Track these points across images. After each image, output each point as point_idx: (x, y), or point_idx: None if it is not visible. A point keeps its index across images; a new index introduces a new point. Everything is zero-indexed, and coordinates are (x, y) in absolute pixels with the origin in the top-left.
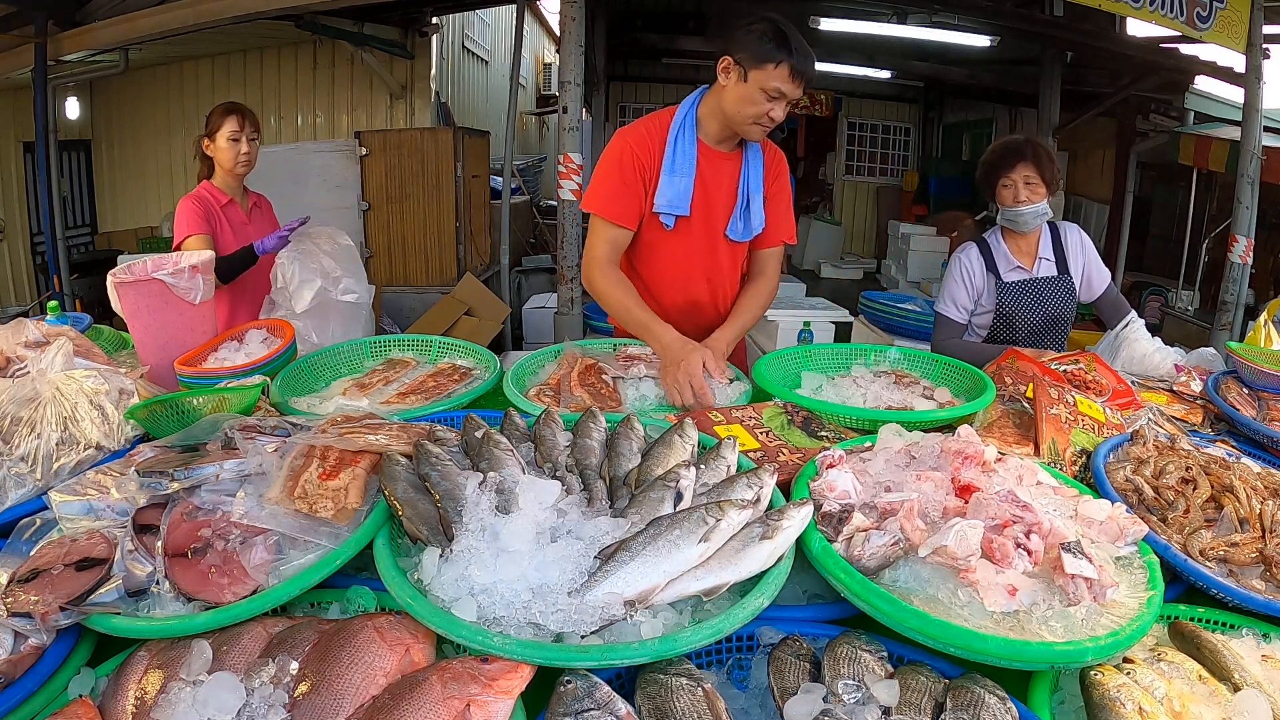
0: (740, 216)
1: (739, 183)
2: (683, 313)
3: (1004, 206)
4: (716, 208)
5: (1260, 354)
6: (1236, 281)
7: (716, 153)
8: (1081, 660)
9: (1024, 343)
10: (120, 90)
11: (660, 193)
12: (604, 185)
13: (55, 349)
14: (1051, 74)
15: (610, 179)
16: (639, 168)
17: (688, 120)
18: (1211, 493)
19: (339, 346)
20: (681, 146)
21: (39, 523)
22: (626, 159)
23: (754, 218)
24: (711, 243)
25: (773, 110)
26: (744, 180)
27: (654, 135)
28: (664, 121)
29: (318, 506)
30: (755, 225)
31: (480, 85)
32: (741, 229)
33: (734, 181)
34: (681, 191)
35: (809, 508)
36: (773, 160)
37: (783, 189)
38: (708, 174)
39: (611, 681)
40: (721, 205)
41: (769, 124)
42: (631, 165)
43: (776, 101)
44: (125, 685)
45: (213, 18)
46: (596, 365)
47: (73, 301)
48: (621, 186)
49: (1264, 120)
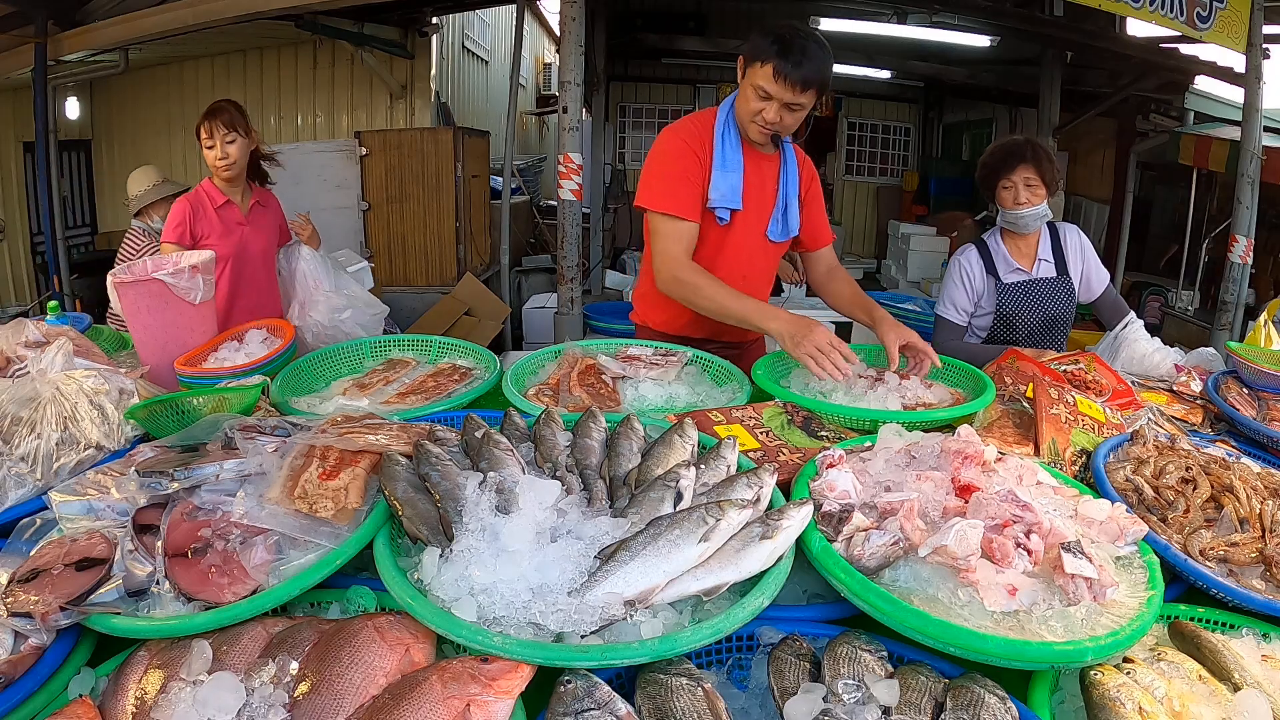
0: (779, 218)
1: (779, 184)
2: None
3: (1004, 208)
4: (761, 206)
5: (1260, 354)
6: (1236, 281)
7: (758, 152)
8: (1081, 660)
9: (1024, 343)
10: (120, 90)
11: (714, 186)
12: (663, 181)
13: (55, 349)
14: (1051, 74)
15: (670, 174)
16: (697, 161)
17: (730, 119)
18: (1211, 493)
19: (339, 346)
20: (729, 143)
21: (39, 523)
22: (684, 153)
23: (791, 220)
24: (756, 241)
25: (765, 111)
26: (783, 182)
27: (704, 131)
28: (709, 120)
29: (318, 506)
30: (792, 227)
31: (480, 85)
32: (780, 230)
33: (774, 182)
34: (733, 186)
35: (809, 508)
36: (805, 165)
37: (818, 194)
38: (752, 172)
39: (611, 681)
40: (765, 205)
41: (764, 125)
42: (691, 159)
43: (767, 102)
44: (125, 685)
45: (213, 18)
46: (595, 365)
47: (73, 301)
48: (683, 180)
49: (1264, 120)
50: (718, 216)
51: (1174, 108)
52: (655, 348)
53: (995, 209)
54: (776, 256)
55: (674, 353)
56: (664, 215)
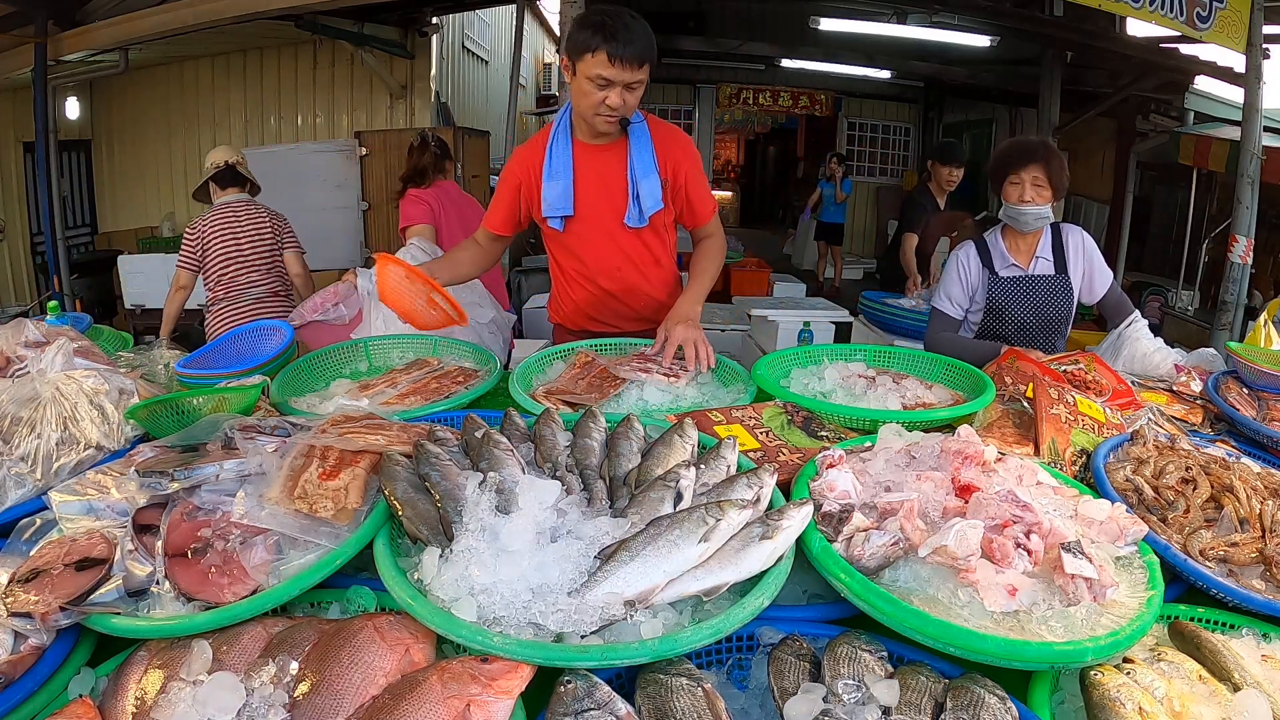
0: (633, 203)
1: (626, 171)
2: (621, 297)
3: (1007, 202)
4: (605, 200)
5: (1260, 354)
6: (1236, 281)
7: (594, 147)
8: (1081, 660)
9: (1015, 339)
10: (120, 90)
11: (543, 199)
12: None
13: (55, 349)
14: (1051, 74)
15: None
16: (515, 182)
17: (562, 125)
18: (1211, 493)
19: (339, 346)
20: (557, 151)
21: (39, 523)
22: (507, 177)
23: (646, 200)
24: (610, 233)
25: (608, 98)
26: (631, 166)
27: (535, 149)
28: (543, 136)
29: (318, 506)
30: (649, 207)
31: (480, 85)
32: (637, 214)
33: (620, 170)
34: (560, 193)
35: (809, 508)
36: (667, 140)
37: (691, 169)
38: (588, 171)
39: (611, 681)
40: (611, 197)
41: (610, 112)
42: (511, 181)
43: (609, 88)
44: (125, 685)
45: (213, 18)
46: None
47: (73, 301)
48: (498, 202)
49: (1264, 120)
50: (552, 225)
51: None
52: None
53: (999, 202)
54: (650, 242)
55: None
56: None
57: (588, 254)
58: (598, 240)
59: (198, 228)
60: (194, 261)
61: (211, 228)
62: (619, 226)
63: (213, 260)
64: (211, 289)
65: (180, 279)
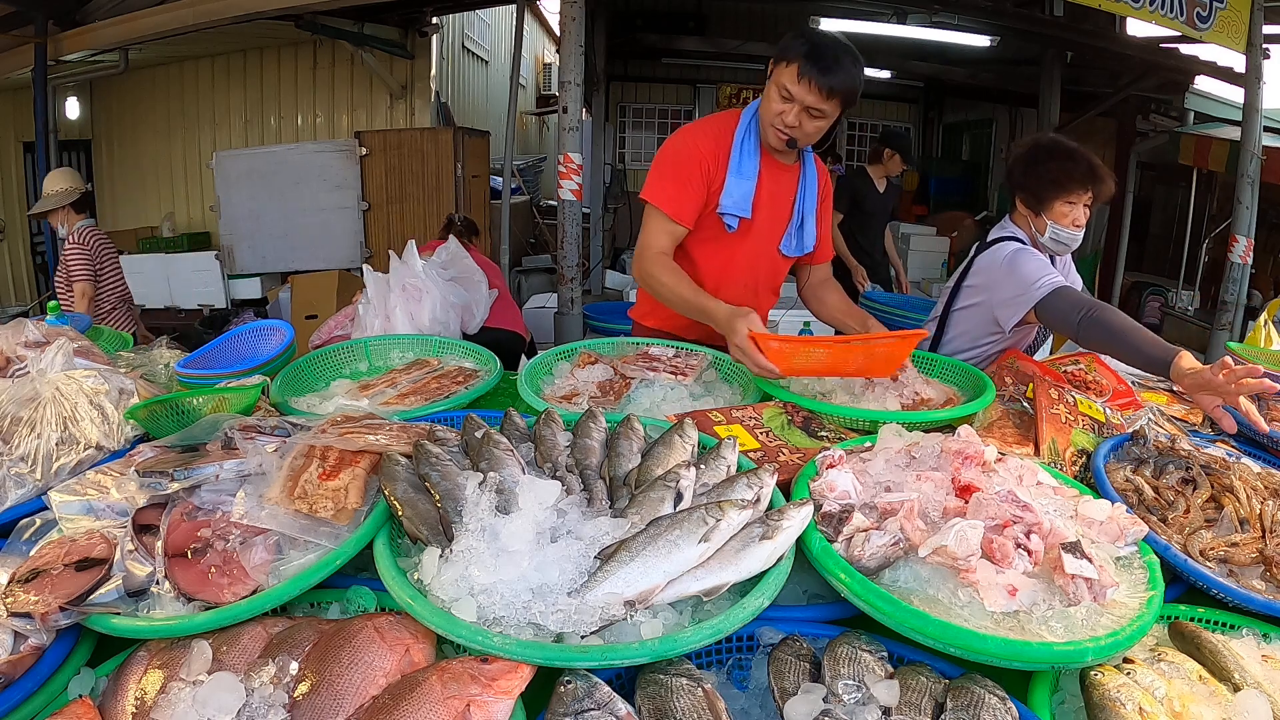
0: (794, 232)
1: (795, 197)
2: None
3: (1058, 224)
4: (770, 219)
5: (1260, 354)
6: (1236, 281)
7: (777, 162)
8: (1082, 660)
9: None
10: (120, 90)
11: (726, 193)
12: (668, 181)
13: (55, 349)
14: (1051, 74)
15: (669, 175)
16: (708, 169)
17: (752, 125)
18: (1211, 493)
19: (339, 346)
20: (747, 149)
21: (39, 523)
22: (695, 159)
23: (807, 236)
24: (764, 252)
25: (785, 113)
26: (800, 196)
27: (721, 135)
28: (730, 123)
29: (318, 506)
30: (807, 243)
31: (480, 85)
32: (794, 245)
33: (791, 194)
34: (744, 195)
35: (809, 508)
36: (825, 184)
37: (829, 210)
38: (768, 181)
39: (611, 681)
40: (777, 218)
41: (783, 128)
42: (700, 166)
43: (789, 104)
44: (125, 685)
45: (213, 18)
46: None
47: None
48: (686, 185)
49: (1264, 120)
50: (725, 223)
51: (1174, 108)
52: (677, 349)
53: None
54: (783, 271)
55: (695, 355)
56: (659, 212)
57: (739, 263)
58: (757, 254)
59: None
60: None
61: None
62: (773, 249)
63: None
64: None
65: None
